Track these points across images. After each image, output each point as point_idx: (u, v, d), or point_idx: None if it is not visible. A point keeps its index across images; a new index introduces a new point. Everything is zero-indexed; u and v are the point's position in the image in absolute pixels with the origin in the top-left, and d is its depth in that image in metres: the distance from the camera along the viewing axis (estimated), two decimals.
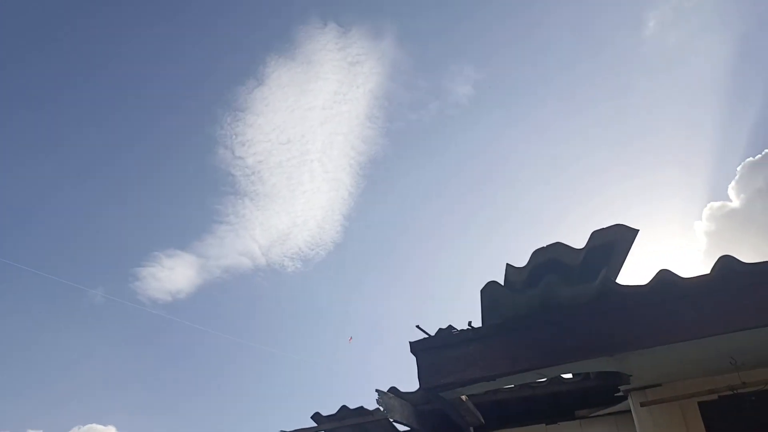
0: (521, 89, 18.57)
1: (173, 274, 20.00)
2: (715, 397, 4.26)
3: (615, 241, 2.93)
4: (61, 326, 21.41)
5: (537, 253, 2.91)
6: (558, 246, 2.90)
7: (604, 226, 2.83)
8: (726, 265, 2.93)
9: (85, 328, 21.85)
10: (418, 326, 3.46)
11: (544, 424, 5.98)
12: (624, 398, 5.35)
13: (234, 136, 18.12)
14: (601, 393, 5.59)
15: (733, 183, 15.89)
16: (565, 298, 3.12)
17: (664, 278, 3.05)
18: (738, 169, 15.86)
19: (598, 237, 2.86)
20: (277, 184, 19.52)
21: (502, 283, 3.07)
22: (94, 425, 23.05)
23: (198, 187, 20.63)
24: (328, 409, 6.25)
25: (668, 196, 17.94)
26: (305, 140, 18.66)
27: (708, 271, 2.99)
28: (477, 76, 17.92)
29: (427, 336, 3.45)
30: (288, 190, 19.89)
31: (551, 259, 2.94)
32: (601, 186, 19.47)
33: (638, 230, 2.88)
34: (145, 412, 23.90)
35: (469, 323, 3.38)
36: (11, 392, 22.38)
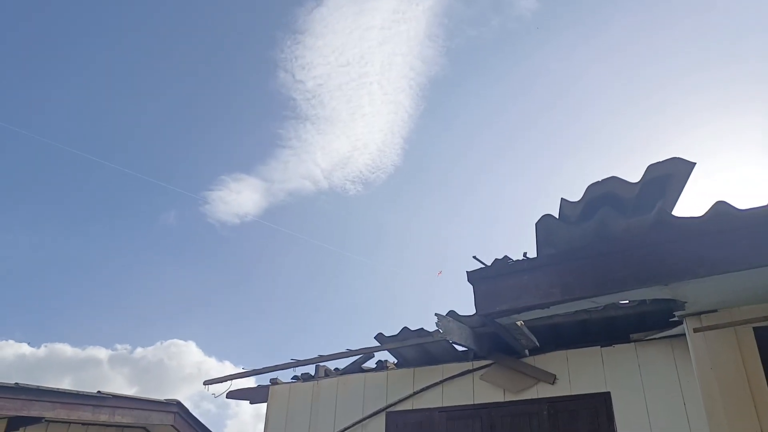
0: (590, 2, 17.70)
1: (240, 197, 20.76)
2: None
3: (671, 174, 2.96)
4: (141, 246, 22.65)
5: (592, 188, 2.97)
6: (613, 180, 2.96)
7: (660, 160, 2.86)
8: None
9: (161, 249, 23.06)
10: (474, 257, 3.61)
11: (599, 347, 6.15)
12: (679, 323, 5.44)
13: (294, 60, 18.18)
14: (657, 317, 5.69)
15: None
16: (620, 230, 3.19)
17: (720, 210, 3.08)
18: None
19: (653, 170, 2.90)
20: (337, 107, 19.64)
21: (557, 216, 3.16)
22: (175, 340, 24.72)
23: (260, 112, 21.03)
24: (389, 329, 6.56)
25: (748, 114, 17.06)
26: (364, 62, 18.54)
27: (764, 203, 3.01)
28: None
29: (483, 266, 3.60)
30: (348, 114, 20.00)
31: (606, 192, 3.00)
32: (680, 111, 18.68)
33: (695, 163, 2.89)
34: (221, 329, 25.44)
35: (525, 254, 3.50)
36: (101, 311, 24.11)
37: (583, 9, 17.85)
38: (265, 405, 7.78)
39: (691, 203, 3.40)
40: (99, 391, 7.91)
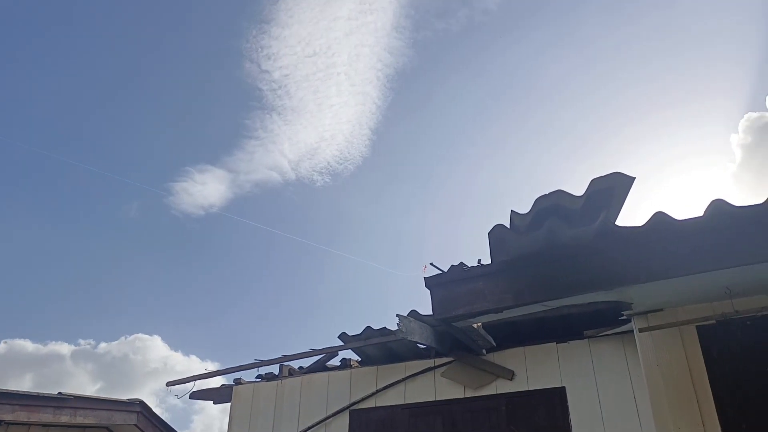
0: None
1: (205, 189, 20.57)
2: (713, 321, 4.55)
3: (613, 187, 3.14)
4: (102, 240, 22.31)
5: (539, 200, 3.14)
6: (559, 193, 3.12)
7: (603, 174, 3.04)
8: (716, 207, 3.15)
9: (123, 241, 22.74)
10: (431, 263, 3.76)
11: (555, 343, 6.37)
12: (629, 320, 5.69)
13: (260, 50, 18.07)
14: (609, 315, 5.93)
15: None
16: (567, 239, 3.36)
17: (659, 219, 3.28)
18: None
19: (597, 184, 3.07)
20: (304, 98, 19.59)
21: (509, 227, 3.32)
22: (140, 335, 24.42)
23: (226, 102, 20.86)
24: (359, 322, 6.68)
25: (706, 110, 17.62)
26: (331, 52, 18.51)
27: (701, 213, 3.22)
28: None
29: (440, 272, 3.75)
30: (315, 104, 19.96)
31: (553, 204, 3.16)
32: (641, 103, 19.14)
33: (634, 178, 3.08)
34: (187, 323, 25.23)
35: (479, 261, 3.66)
36: (63, 305, 23.69)
37: (549, 3, 18.17)
38: (228, 405, 7.86)
39: (637, 211, 3.60)
40: (60, 393, 7.86)
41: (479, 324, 5.28)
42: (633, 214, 3.58)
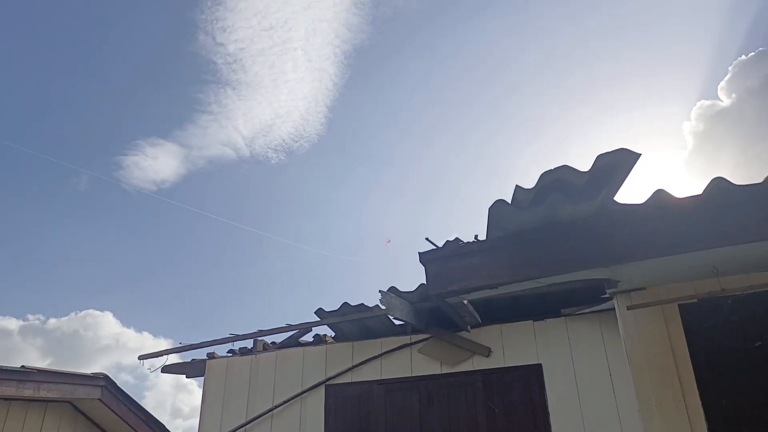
0: None
1: (157, 164, 20.07)
2: (694, 300, 4.62)
3: (617, 163, 3.11)
4: (50, 213, 21.63)
5: (544, 175, 3.09)
6: (564, 168, 3.08)
7: (609, 150, 3.00)
8: (716, 185, 3.16)
9: (72, 216, 22.09)
10: (427, 238, 3.71)
11: (532, 321, 6.41)
12: (607, 299, 5.75)
13: (214, 21, 17.58)
14: (585, 293, 5.99)
15: (723, 82, 15.82)
16: (566, 215, 3.35)
17: (660, 197, 3.28)
18: (730, 68, 15.76)
19: (602, 159, 3.04)
20: (260, 73, 19.22)
21: (510, 202, 3.28)
22: (91, 311, 23.89)
23: (179, 75, 20.29)
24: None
25: (659, 95, 17.98)
26: (288, 27, 18.14)
27: (700, 192, 3.22)
28: None
29: (435, 247, 3.70)
30: (270, 80, 19.58)
31: (557, 179, 3.12)
32: (597, 91, 19.40)
33: (640, 154, 3.05)
34: (139, 299, 24.78)
35: (476, 236, 3.62)
36: (11, 279, 22.96)
37: None
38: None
39: (632, 190, 3.60)
40: (23, 366, 7.63)
41: (467, 300, 5.26)
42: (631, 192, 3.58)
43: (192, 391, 24.22)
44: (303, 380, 7.04)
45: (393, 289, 6.07)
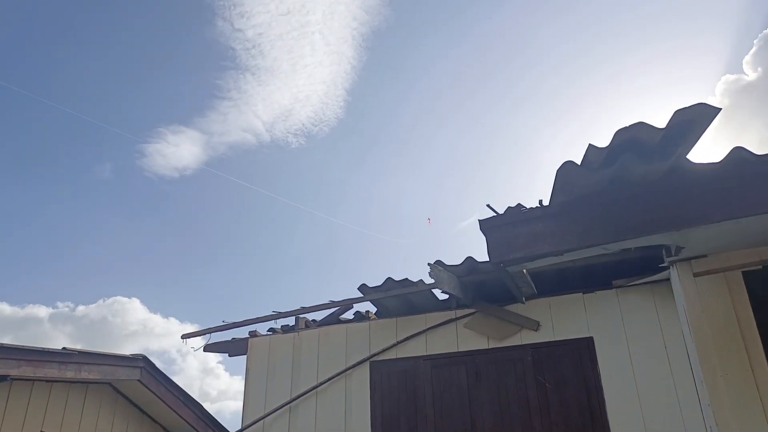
0: None
1: (179, 151, 20.12)
2: (759, 267, 4.45)
3: (694, 120, 2.94)
4: (76, 202, 21.88)
5: (618, 133, 2.93)
6: (639, 125, 2.92)
7: (687, 105, 2.84)
8: None
9: (98, 204, 22.32)
10: (488, 205, 3.58)
11: (581, 293, 6.27)
12: (662, 269, 5.58)
13: (232, 7, 17.45)
14: (635, 264, 5.82)
15: (748, 56, 15.37)
16: (637, 176, 3.19)
17: (737, 156, 3.11)
18: (755, 41, 15.31)
19: (679, 115, 2.87)
20: (278, 57, 19.08)
21: (580, 163, 3.13)
22: (118, 297, 24.25)
23: (198, 62, 20.12)
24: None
25: (682, 70, 17.53)
26: (305, 11, 17.95)
27: None
28: None
29: (496, 214, 3.57)
30: (289, 64, 19.46)
31: (631, 137, 2.96)
32: (618, 68, 18.97)
33: (720, 109, 2.88)
34: (165, 285, 25.07)
35: (540, 201, 3.49)
36: (39, 267, 23.34)
37: None
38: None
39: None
40: (64, 348, 7.70)
41: (526, 270, 5.13)
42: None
43: (219, 375, 24.57)
44: (347, 357, 7.00)
45: (439, 263, 5.97)
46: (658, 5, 16.83)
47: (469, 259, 6.01)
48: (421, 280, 6.39)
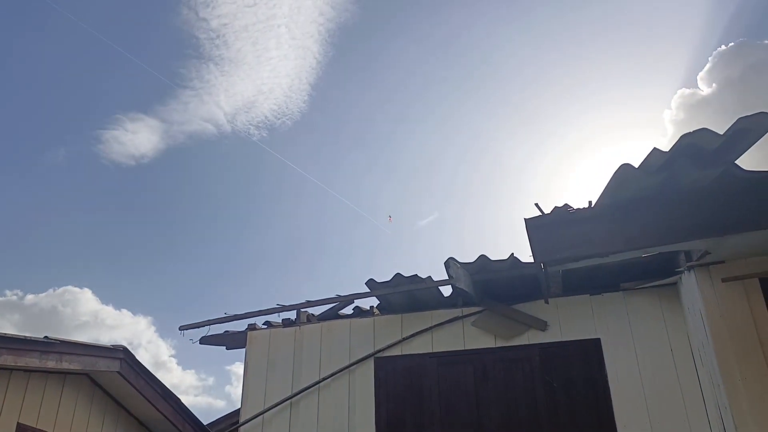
0: None
1: (137, 138, 19.77)
2: None
3: (750, 128, 3.01)
4: (26, 187, 21.30)
5: (683, 138, 2.98)
6: (702, 131, 2.97)
7: (750, 113, 2.90)
8: None
9: (50, 189, 21.73)
10: (536, 204, 3.60)
11: (588, 295, 6.35)
12: (671, 273, 5.69)
13: None
14: (644, 268, 5.92)
15: (703, 72, 15.90)
16: (689, 180, 3.25)
17: None
18: (710, 58, 15.85)
19: (741, 123, 2.93)
20: (243, 49, 18.93)
21: (638, 166, 3.18)
22: (69, 287, 23.61)
23: (160, 49, 19.75)
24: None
25: (641, 82, 18.05)
26: (272, 3, 17.89)
27: None
28: None
29: (542, 213, 3.60)
30: (253, 56, 19.30)
31: (690, 143, 3.02)
32: (580, 80, 19.36)
33: None
34: (118, 276, 24.55)
35: (589, 202, 3.52)
36: None
37: None
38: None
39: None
40: (46, 336, 7.48)
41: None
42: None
43: (171, 368, 23.97)
44: (350, 352, 6.96)
45: (452, 260, 5.99)
46: (618, 20, 17.30)
47: (482, 257, 6.05)
48: (430, 276, 6.40)
